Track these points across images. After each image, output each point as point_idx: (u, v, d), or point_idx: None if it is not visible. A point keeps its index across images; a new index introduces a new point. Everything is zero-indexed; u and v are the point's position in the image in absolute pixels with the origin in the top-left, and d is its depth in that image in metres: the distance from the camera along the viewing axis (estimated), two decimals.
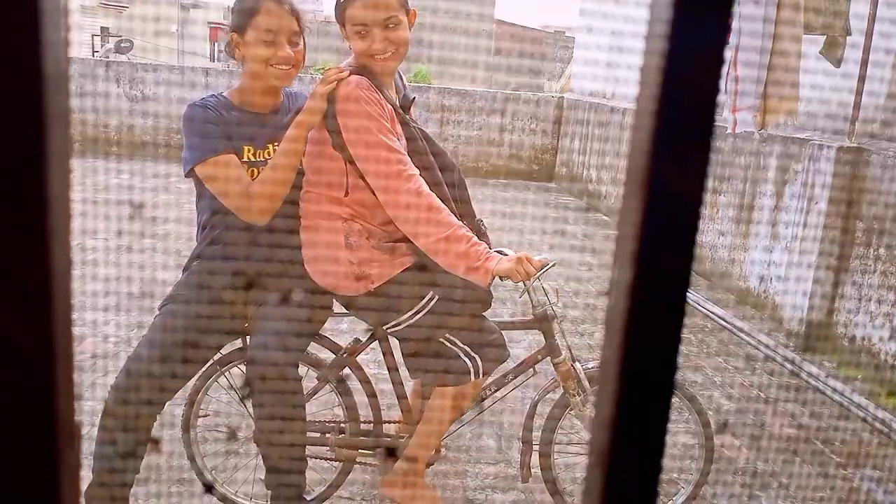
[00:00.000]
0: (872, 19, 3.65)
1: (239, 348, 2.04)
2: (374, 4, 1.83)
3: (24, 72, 0.32)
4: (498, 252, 1.87)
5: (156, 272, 4.03)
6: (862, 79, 3.76)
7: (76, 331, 3.32)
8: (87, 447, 2.01)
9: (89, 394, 2.73)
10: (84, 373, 2.96)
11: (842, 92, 3.84)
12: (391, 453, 2.14)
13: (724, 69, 0.38)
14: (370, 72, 1.87)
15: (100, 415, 1.91)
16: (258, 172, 1.89)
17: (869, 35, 3.68)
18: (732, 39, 3.16)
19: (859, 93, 3.77)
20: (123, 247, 4.56)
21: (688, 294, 0.39)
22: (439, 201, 1.82)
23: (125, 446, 1.92)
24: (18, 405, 0.34)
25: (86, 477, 2.01)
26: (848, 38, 3.49)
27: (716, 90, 0.36)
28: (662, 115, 0.36)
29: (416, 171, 1.83)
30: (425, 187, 1.82)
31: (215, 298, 1.96)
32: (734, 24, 3.17)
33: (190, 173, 1.88)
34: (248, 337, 1.98)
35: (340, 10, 1.88)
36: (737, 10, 3.17)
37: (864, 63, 3.73)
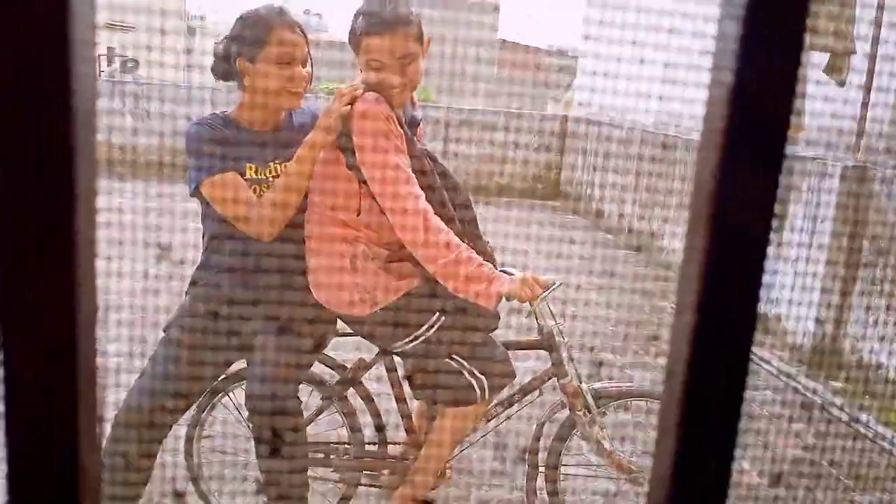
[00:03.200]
0: (876, 41, 3.66)
1: (238, 372, 2.03)
2: (390, 41, 1.81)
3: (55, 106, 0.31)
4: (503, 272, 1.86)
5: (149, 298, 4.02)
6: (866, 99, 3.76)
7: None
8: None
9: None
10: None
11: (846, 112, 3.84)
12: (396, 475, 2.12)
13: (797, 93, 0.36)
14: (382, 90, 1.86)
15: (107, 434, 1.90)
16: (261, 190, 1.88)
17: (873, 58, 3.69)
18: None
19: (864, 114, 3.78)
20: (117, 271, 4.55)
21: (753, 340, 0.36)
22: (444, 225, 1.81)
23: (132, 467, 1.90)
24: (42, 456, 0.33)
25: None
26: (853, 57, 3.50)
27: (787, 118, 0.34)
28: (730, 144, 0.34)
29: (422, 194, 1.82)
30: (432, 214, 1.80)
31: (215, 324, 1.95)
32: None
33: (195, 192, 1.87)
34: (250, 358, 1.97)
35: (356, 39, 1.85)
36: None
37: (869, 83, 3.74)
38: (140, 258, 4.58)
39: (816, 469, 2.91)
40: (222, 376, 2.03)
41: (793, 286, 4.21)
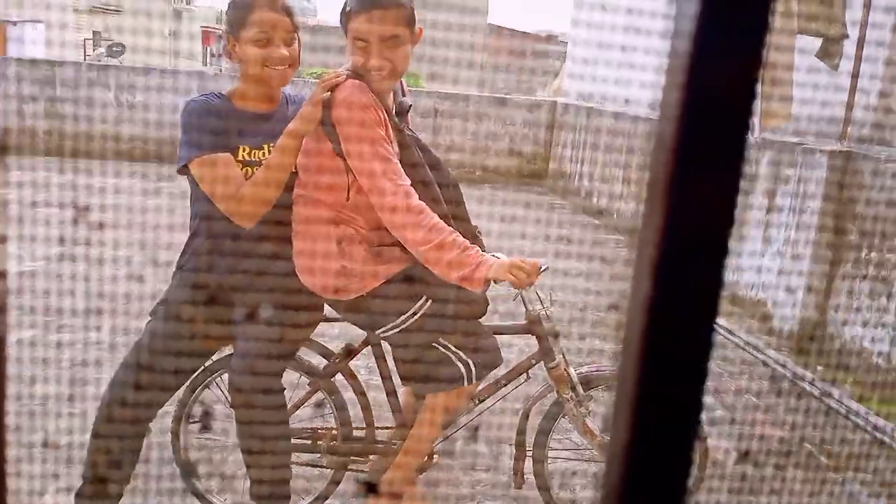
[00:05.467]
0: (865, 25, 3.66)
1: (228, 355, 2.02)
2: (379, 19, 1.79)
3: None
4: (491, 256, 1.85)
5: (134, 284, 4.00)
6: (853, 84, 3.77)
7: (63, 337, 3.29)
8: (79, 455, 1.99)
9: (78, 403, 2.70)
10: (70, 382, 2.93)
11: (833, 97, 3.85)
12: (383, 460, 2.12)
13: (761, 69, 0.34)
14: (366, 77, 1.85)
15: (93, 421, 1.90)
16: (253, 172, 1.87)
17: (861, 42, 3.69)
18: None
19: (851, 97, 3.79)
20: (97, 257, 4.52)
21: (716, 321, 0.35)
22: (429, 210, 1.80)
23: (119, 454, 1.90)
24: None
25: (75, 486, 1.98)
26: (843, 43, 3.50)
27: (751, 93, 0.32)
28: (687, 121, 0.32)
29: (407, 181, 1.81)
30: (415, 197, 1.80)
31: (200, 309, 1.94)
32: None
33: (183, 170, 1.86)
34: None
35: (345, 19, 1.85)
36: None
37: (856, 68, 3.75)
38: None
39: (796, 451, 2.94)
40: (209, 362, 2.02)
41: (779, 272, 4.23)
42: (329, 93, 1.80)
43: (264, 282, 1.93)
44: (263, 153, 1.89)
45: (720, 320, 4.37)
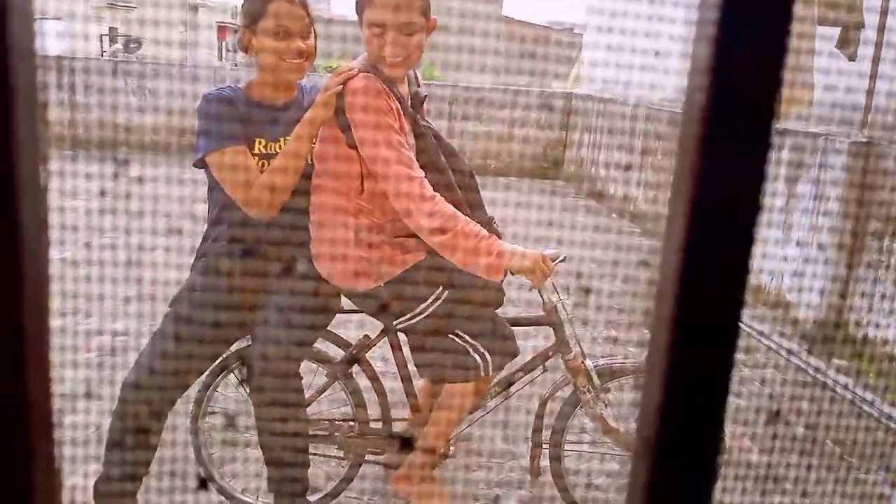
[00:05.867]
0: (885, 13, 3.61)
1: (246, 346, 2.02)
2: (394, 7, 1.79)
3: None
4: None
5: (159, 272, 4.02)
6: (874, 74, 3.72)
7: (88, 327, 3.32)
8: (100, 440, 2.01)
9: (99, 389, 2.73)
10: (92, 369, 2.96)
11: (854, 87, 3.80)
12: (401, 450, 2.12)
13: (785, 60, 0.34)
14: (380, 70, 1.85)
15: (113, 409, 1.92)
16: (268, 165, 1.88)
17: (881, 29, 3.64)
18: None
19: (871, 88, 3.73)
20: (125, 244, 4.56)
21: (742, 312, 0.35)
22: (443, 199, 1.80)
23: (137, 441, 1.91)
24: None
25: (96, 471, 2.00)
26: (861, 32, 3.45)
27: (777, 83, 0.32)
28: (713, 112, 0.32)
29: (421, 173, 1.81)
30: (429, 187, 1.80)
31: (221, 297, 1.95)
32: None
33: (200, 162, 1.87)
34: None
35: (360, 7, 1.85)
36: None
37: (877, 58, 3.69)
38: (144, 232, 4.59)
39: (818, 447, 2.91)
40: (227, 352, 2.03)
41: (798, 263, 4.19)
42: (341, 84, 1.81)
43: (282, 271, 1.94)
44: (279, 146, 1.90)
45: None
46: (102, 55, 16.13)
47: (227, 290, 1.95)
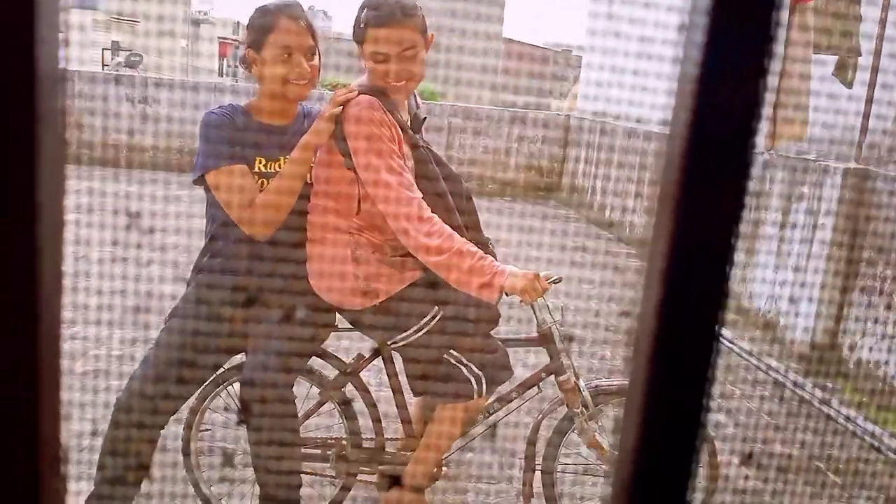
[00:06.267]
0: (881, 39, 3.65)
1: (238, 365, 2.02)
2: (396, 34, 1.82)
3: (16, 69, 0.30)
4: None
5: (154, 285, 4.02)
6: (869, 100, 3.75)
7: (76, 346, 3.31)
8: (90, 459, 2.00)
9: (90, 410, 2.72)
10: (84, 390, 2.95)
11: (849, 113, 3.83)
12: (393, 471, 2.11)
13: (766, 84, 0.35)
14: (381, 92, 1.87)
15: (105, 429, 1.91)
16: (268, 184, 1.89)
17: (877, 55, 3.67)
18: None
19: (867, 114, 3.76)
20: (121, 258, 4.56)
21: (721, 328, 0.36)
22: (441, 221, 1.81)
23: (128, 462, 1.91)
24: (1, 425, 0.33)
25: (86, 490, 1.99)
26: (858, 58, 3.49)
27: (757, 106, 0.34)
28: (696, 134, 0.34)
29: (419, 194, 1.82)
30: (427, 209, 1.81)
31: (215, 314, 1.95)
32: None
33: (199, 180, 1.88)
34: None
35: (360, 31, 1.86)
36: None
37: (872, 85, 3.73)
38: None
39: (812, 469, 2.91)
40: (223, 367, 2.03)
41: (792, 287, 4.20)
42: (341, 107, 1.83)
43: (278, 289, 1.95)
44: (279, 165, 1.91)
45: (731, 335, 4.34)
46: (104, 68, 16.21)
47: (218, 313, 1.95)
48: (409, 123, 1.94)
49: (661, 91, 6.98)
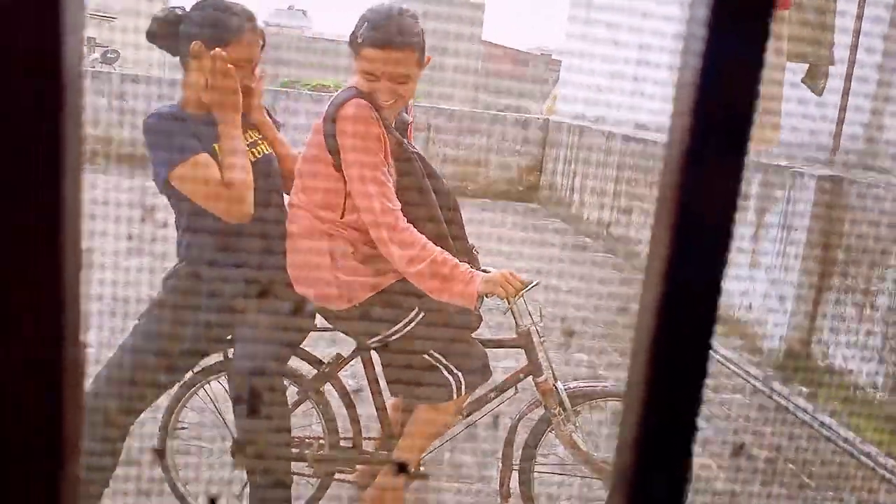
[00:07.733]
0: (855, 48, 3.71)
1: (218, 361, 2.01)
2: (392, 60, 1.79)
3: (44, 72, 0.31)
4: (483, 271, 1.87)
5: (131, 275, 3.99)
6: (843, 107, 3.82)
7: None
8: None
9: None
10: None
11: (823, 120, 3.89)
12: (370, 471, 2.12)
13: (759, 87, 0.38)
14: (372, 96, 1.85)
15: None
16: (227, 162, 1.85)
17: (851, 64, 3.74)
18: None
19: (840, 121, 3.83)
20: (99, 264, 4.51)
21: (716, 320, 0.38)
22: (416, 231, 1.81)
23: (94, 458, 1.88)
24: (25, 418, 0.33)
25: None
26: (830, 66, 3.55)
27: (751, 108, 0.35)
28: (695, 133, 0.35)
29: (398, 205, 1.82)
30: (403, 220, 1.80)
31: (190, 313, 1.93)
32: None
33: (165, 185, 1.82)
34: (229, 350, 1.96)
35: (356, 45, 1.83)
36: None
37: (846, 92, 3.79)
38: (113, 250, 4.54)
39: (782, 471, 2.95)
40: (196, 369, 2.02)
41: (766, 293, 4.26)
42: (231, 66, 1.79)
43: (255, 289, 1.94)
44: (244, 140, 1.89)
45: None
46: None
47: (197, 309, 1.93)
48: (393, 125, 1.94)
49: (637, 94, 7.04)
